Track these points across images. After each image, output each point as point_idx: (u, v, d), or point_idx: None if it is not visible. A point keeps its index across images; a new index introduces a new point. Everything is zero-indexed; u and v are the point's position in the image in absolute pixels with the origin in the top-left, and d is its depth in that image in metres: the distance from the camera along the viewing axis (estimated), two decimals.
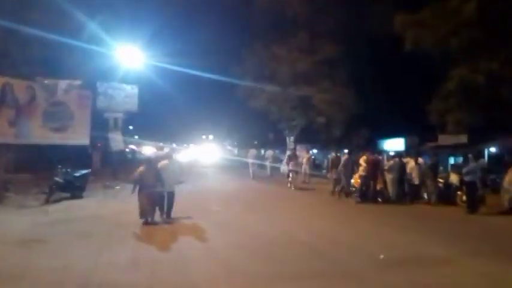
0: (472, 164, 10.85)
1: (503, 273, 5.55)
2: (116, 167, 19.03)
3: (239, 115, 29.85)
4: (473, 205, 10.51)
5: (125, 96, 19.77)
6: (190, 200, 12.67)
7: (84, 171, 13.49)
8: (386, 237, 7.73)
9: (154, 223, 8.78)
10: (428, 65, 16.30)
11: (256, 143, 33.76)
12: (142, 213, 8.70)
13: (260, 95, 24.97)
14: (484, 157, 13.29)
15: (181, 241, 7.49)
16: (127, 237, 7.75)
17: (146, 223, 8.69)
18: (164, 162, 9.50)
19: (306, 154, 21.44)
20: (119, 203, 11.68)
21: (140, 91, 20.14)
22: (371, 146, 22.37)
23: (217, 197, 13.43)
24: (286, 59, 23.20)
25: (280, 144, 27.59)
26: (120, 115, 19.74)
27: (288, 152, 21.69)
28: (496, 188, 12.03)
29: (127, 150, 29.81)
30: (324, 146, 27.99)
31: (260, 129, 31.40)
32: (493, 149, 16.28)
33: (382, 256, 6.26)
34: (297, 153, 21.75)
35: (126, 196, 10.70)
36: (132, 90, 19.96)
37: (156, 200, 8.93)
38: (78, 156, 17.44)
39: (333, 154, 15.56)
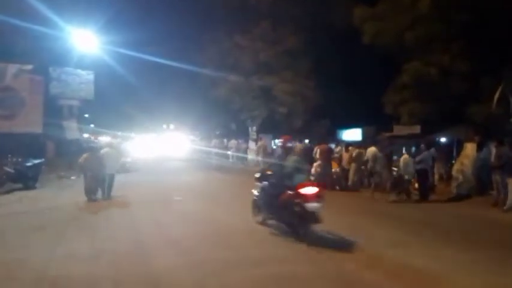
0: (424, 153, 11.45)
1: (446, 256, 5.92)
2: (71, 156, 18.27)
3: (201, 104, 29.47)
4: (425, 192, 11.13)
5: (80, 82, 18.98)
6: (151, 190, 12.54)
7: (36, 161, 12.92)
8: (341, 220, 8.01)
9: (96, 200, 10.34)
10: (386, 58, 16.85)
11: (218, 132, 33.57)
12: (87, 193, 10.32)
13: (222, 84, 24.80)
14: (435, 147, 14.02)
15: (142, 231, 7.38)
16: (84, 228, 7.53)
17: (90, 200, 10.22)
18: (106, 149, 11.18)
19: (263, 142, 21.68)
20: (75, 193, 11.25)
21: (97, 78, 19.41)
22: (330, 136, 22.96)
23: (178, 187, 13.30)
24: (249, 48, 23.14)
25: (243, 134, 27.61)
26: (75, 102, 18.96)
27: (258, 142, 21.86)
28: (446, 176, 12.82)
29: (82, 139, 28.67)
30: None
31: (222, 118, 31.21)
32: (443, 139, 17.19)
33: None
34: (262, 143, 21.95)
35: (83, 186, 10.65)
36: (87, 76, 19.20)
37: (98, 182, 10.49)
38: (29, 145, 16.57)
39: (297, 144, 15.81)
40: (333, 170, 13.58)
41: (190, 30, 23.94)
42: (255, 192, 7.93)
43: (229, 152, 23.18)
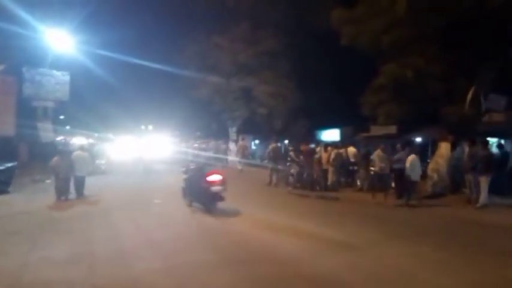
0: (400, 153, 11.70)
1: (422, 253, 6.09)
2: (46, 159, 17.76)
3: (182, 105, 29.22)
4: (401, 191, 11.36)
5: (55, 83, 18.46)
6: (132, 193, 12.38)
7: (9, 164, 12.57)
8: (319, 221, 8.11)
9: (67, 200, 10.78)
10: (364, 60, 17.12)
11: (199, 133, 33.36)
12: (58, 194, 10.79)
13: (203, 85, 24.68)
14: (412, 146, 14.35)
15: (121, 234, 7.27)
16: (61, 232, 7.35)
17: (61, 201, 10.64)
18: (77, 152, 11.74)
19: (243, 142, 21.71)
20: (50, 197, 11.01)
21: (74, 78, 18.97)
22: (310, 136, 23.17)
23: (159, 190, 13.15)
24: (229, 49, 23.12)
25: (224, 135, 27.54)
26: (50, 104, 18.42)
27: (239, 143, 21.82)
28: (422, 175, 13.13)
29: (58, 141, 27.97)
30: (265, 137, 28.41)
31: (203, 120, 31.04)
32: (419, 139, 17.61)
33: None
34: (242, 143, 21.94)
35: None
36: (63, 77, 18.70)
37: (68, 184, 11.08)
38: (2, 148, 16.02)
39: (273, 144, 15.89)
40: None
41: (170, 30, 23.78)
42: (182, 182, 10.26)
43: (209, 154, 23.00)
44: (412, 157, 10.49)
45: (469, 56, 13.55)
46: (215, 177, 8.93)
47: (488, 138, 14.46)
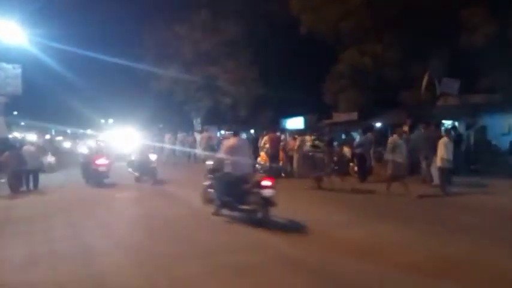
0: (361, 138, 12.08)
1: (386, 232, 6.39)
2: None
3: (143, 98, 28.47)
4: (363, 175, 11.77)
5: (5, 77, 17.49)
6: (93, 189, 12.03)
7: None
8: (291, 207, 8.26)
9: (22, 192, 11.27)
10: (325, 48, 17.41)
11: (161, 126, 32.72)
12: (11, 188, 11.12)
13: (163, 76, 24.17)
14: (372, 131, 14.80)
15: (83, 231, 7.05)
16: (19, 233, 7.02)
17: (13, 193, 10.95)
18: (26, 146, 12.46)
19: (206, 133, 21.32)
20: (5, 197, 10.52)
21: (29, 73, 18.01)
22: (275, 125, 23.36)
23: (121, 185, 12.85)
24: (188, 38, 22.73)
25: (188, 126, 27.18)
26: (2, 98, 17.46)
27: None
28: (382, 159, 13.63)
29: (11, 138, 26.59)
30: (231, 127, 28.31)
31: (166, 111, 30.44)
32: (378, 124, 18.22)
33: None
34: (206, 134, 21.64)
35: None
36: (14, 70, 17.71)
37: (21, 178, 11.49)
38: None
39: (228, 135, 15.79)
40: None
41: (128, 20, 23.04)
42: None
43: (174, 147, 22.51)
44: (443, 140, 9.40)
45: (423, 43, 14.13)
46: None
47: (443, 121, 15.25)
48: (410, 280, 4.41)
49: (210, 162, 8.36)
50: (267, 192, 6.75)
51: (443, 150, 9.21)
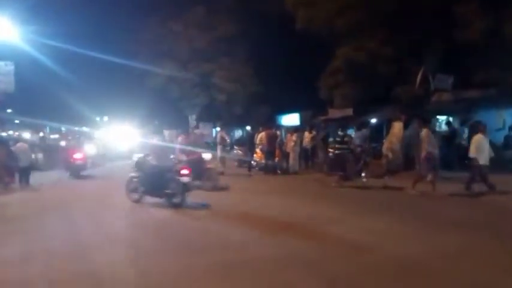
0: (357, 133, 12.10)
1: (380, 227, 6.42)
2: None
3: (139, 95, 28.33)
4: (358, 170, 11.78)
5: None
6: (87, 187, 12.02)
7: None
8: (284, 202, 8.31)
9: (13, 189, 11.42)
10: (320, 43, 17.39)
11: (157, 122, 32.61)
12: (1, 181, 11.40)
13: (158, 73, 24.08)
14: (367, 127, 14.80)
15: (77, 229, 7.03)
16: (13, 231, 6.96)
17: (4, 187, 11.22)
18: (19, 144, 12.66)
19: (199, 131, 21.39)
20: None
21: (23, 71, 17.83)
22: (270, 121, 23.33)
23: (116, 183, 12.80)
24: (183, 34, 22.65)
25: (183, 123, 27.09)
26: None
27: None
28: (378, 155, 13.67)
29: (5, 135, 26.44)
30: (226, 124, 28.24)
31: (161, 108, 30.33)
32: (374, 120, 18.24)
33: None
34: (200, 131, 21.65)
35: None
36: (6, 67, 17.50)
37: (13, 173, 11.77)
38: None
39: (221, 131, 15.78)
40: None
41: (124, 18, 22.87)
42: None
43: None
44: (478, 137, 8.90)
45: (417, 39, 14.17)
46: (184, 171, 8.34)
47: (438, 116, 15.32)
48: None
49: (136, 157, 9.57)
50: (185, 179, 8.08)
51: (425, 141, 9.04)
